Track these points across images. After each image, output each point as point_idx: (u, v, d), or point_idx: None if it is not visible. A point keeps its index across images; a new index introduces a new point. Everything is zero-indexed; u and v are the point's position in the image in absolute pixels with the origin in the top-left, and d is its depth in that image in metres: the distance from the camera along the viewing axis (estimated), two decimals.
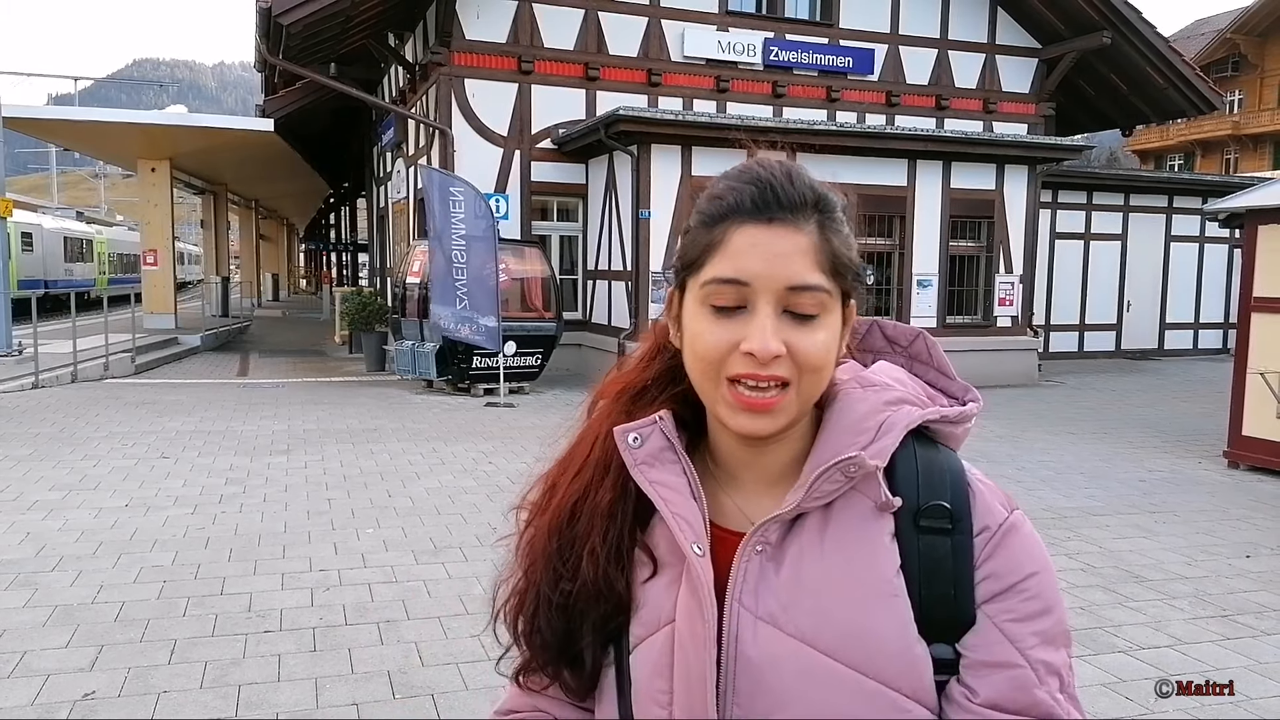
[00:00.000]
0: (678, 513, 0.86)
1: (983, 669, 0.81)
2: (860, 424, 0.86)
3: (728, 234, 0.83)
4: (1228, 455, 8.20)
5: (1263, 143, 41.45)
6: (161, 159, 17.70)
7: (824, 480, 0.83)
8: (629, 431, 0.90)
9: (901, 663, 0.80)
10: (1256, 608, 4.69)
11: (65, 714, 3.20)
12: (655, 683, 0.86)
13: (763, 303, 0.81)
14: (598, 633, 0.89)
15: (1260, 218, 7.91)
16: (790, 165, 0.87)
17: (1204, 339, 18.51)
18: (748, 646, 0.82)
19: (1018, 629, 0.81)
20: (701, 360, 0.84)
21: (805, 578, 0.83)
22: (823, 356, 0.83)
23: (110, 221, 46.05)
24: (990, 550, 0.83)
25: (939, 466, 0.86)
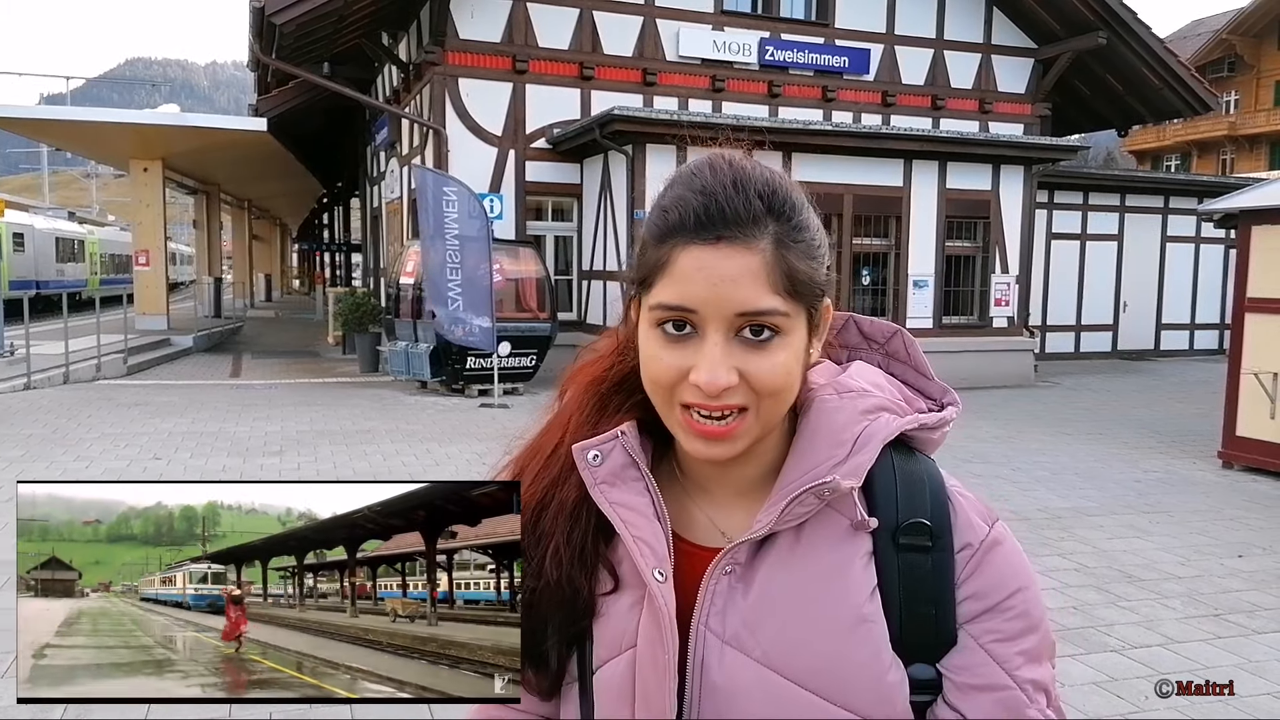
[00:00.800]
0: (639, 536, 0.81)
1: (970, 692, 0.78)
2: (837, 436, 0.82)
3: (673, 255, 0.78)
4: (1222, 456, 8.20)
5: (1259, 143, 41.57)
6: (154, 159, 17.65)
7: (796, 504, 0.79)
8: (589, 449, 0.85)
9: (874, 692, 0.76)
10: (1249, 607, 4.69)
11: (59, 713, 3.17)
12: (618, 708, 0.82)
13: (711, 330, 0.77)
14: (561, 634, 0.85)
15: (1254, 218, 7.92)
16: (741, 168, 0.81)
17: (1200, 340, 18.55)
18: (713, 673, 0.79)
19: (1003, 649, 0.79)
20: (654, 384, 0.80)
21: (774, 600, 0.79)
22: (781, 380, 0.78)
23: (102, 222, 45.98)
24: (972, 568, 0.80)
25: (918, 480, 0.82)
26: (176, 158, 18.50)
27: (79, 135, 17.87)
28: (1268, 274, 7.80)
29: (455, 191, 10.74)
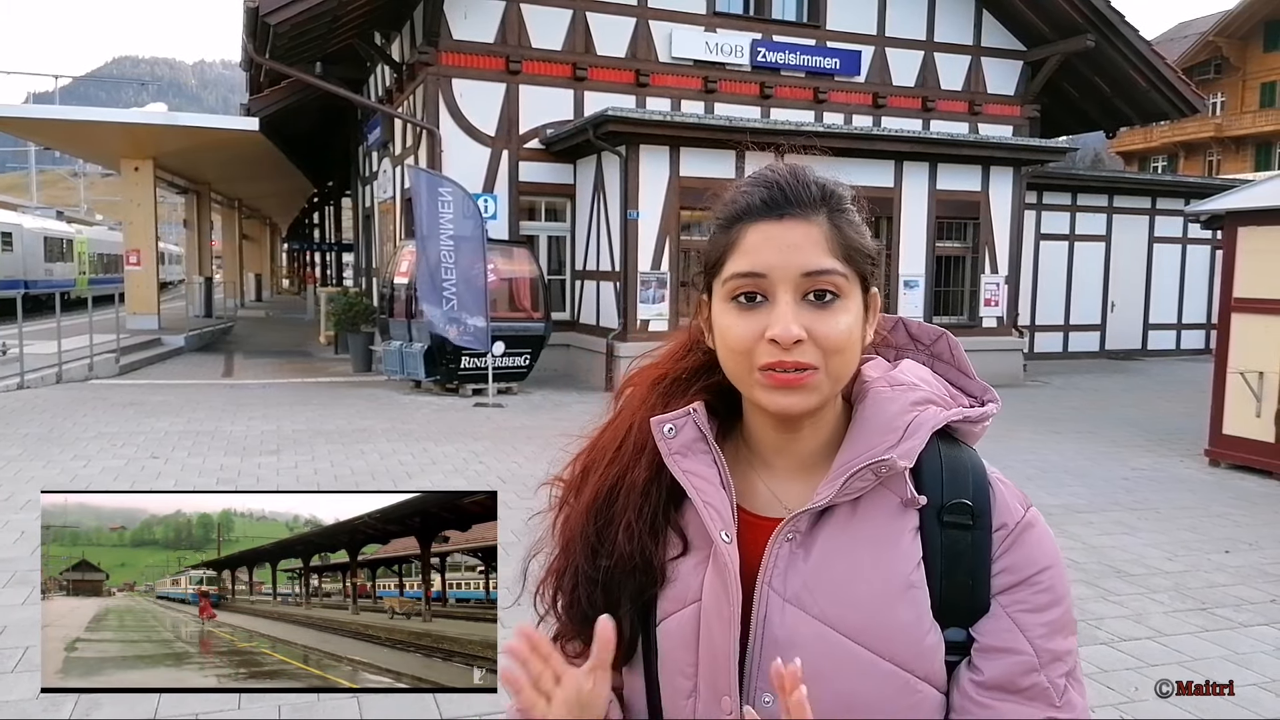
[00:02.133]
0: (708, 501, 0.91)
1: (991, 653, 0.87)
2: (890, 423, 0.90)
3: (742, 232, 0.90)
4: (1209, 454, 8.32)
5: (1245, 145, 41.90)
6: (145, 158, 17.59)
7: (856, 479, 0.88)
8: (664, 422, 0.95)
9: (917, 649, 0.86)
10: (1235, 601, 4.79)
11: (70, 707, 3.22)
12: (682, 655, 0.92)
13: (781, 291, 0.87)
14: (634, 603, 0.94)
15: (1240, 219, 8.03)
16: (797, 167, 0.93)
17: (1187, 339, 18.71)
18: (775, 627, 0.88)
19: (1028, 619, 0.88)
20: (733, 352, 0.89)
21: (831, 566, 0.88)
22: (845, 338, 0.87)
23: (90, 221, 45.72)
24: (1007, 546, 0.89)
25: (962, 465, 0.92)
26: (167, 157, 18.44)
27: (70, 134, 17.80)
28: (1254, 274, 7.91)
29: (450, 192, 10.79)
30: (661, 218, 12.00)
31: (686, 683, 0.92)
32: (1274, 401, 7.71)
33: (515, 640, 0.86)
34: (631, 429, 1.00)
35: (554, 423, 9.66)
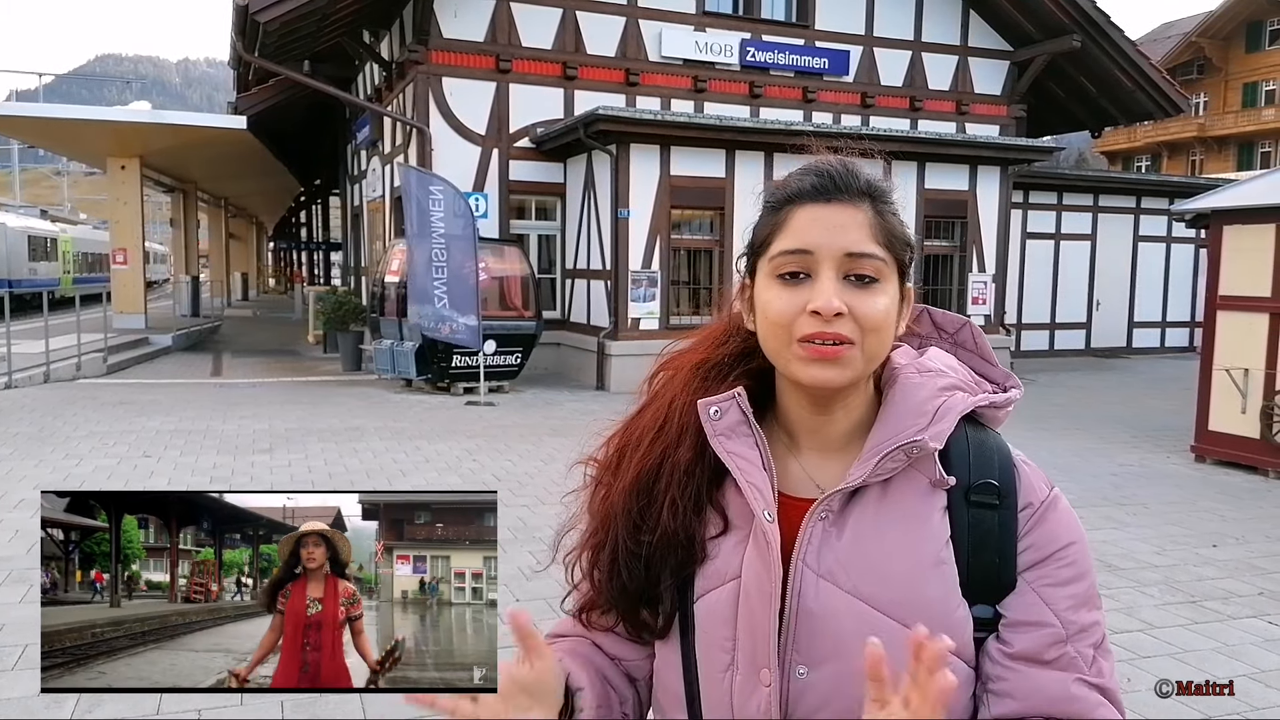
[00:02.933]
0: (752, 482, 0.94)
1: (1019, 626, 0.91)
2: (920, 407, 0.94)
3: (791, 214, 0.94)
4: (1195, 449, 8.42)
5: (1227, 144, 42.29)
6: (132, 157, 17.49)
7: (888, 459, 0.92)
8: (711, 405, 0.98)
9: (946, 622, 0.88)
10: (1223, 594, 4.86)
11: (71, 705, 3.22)
12: (721, 629, 0.96)
13: (825, 268, 0.91)
14: (675, 577, 0.98)
15: (1225, 218, 8.12)
16: (846, 159, 0.98)
17: (1171, 337, 18.89)
18: (809, 600, 0.92)
19: (1054, 593, 0.92)
20: (774, 325, 0.93)
21: (863, 543, 0.92)
22: (882, 318, 0.91)
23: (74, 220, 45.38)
24: (1032, 524, 0.93)
25: (988, 448, 0.96)
26: (154, 155, 18.34)
27: (57, 133, 17.68)
28: (1239, 272, 8.01)
29: (441, 190, 10.78)
30: (652, 216, 12.03)
31: (724, 656, 0.95)
32: (1259, 397, 7.81)
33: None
34: (674, 411, 1.03)
35: (545, 421, 9.68)
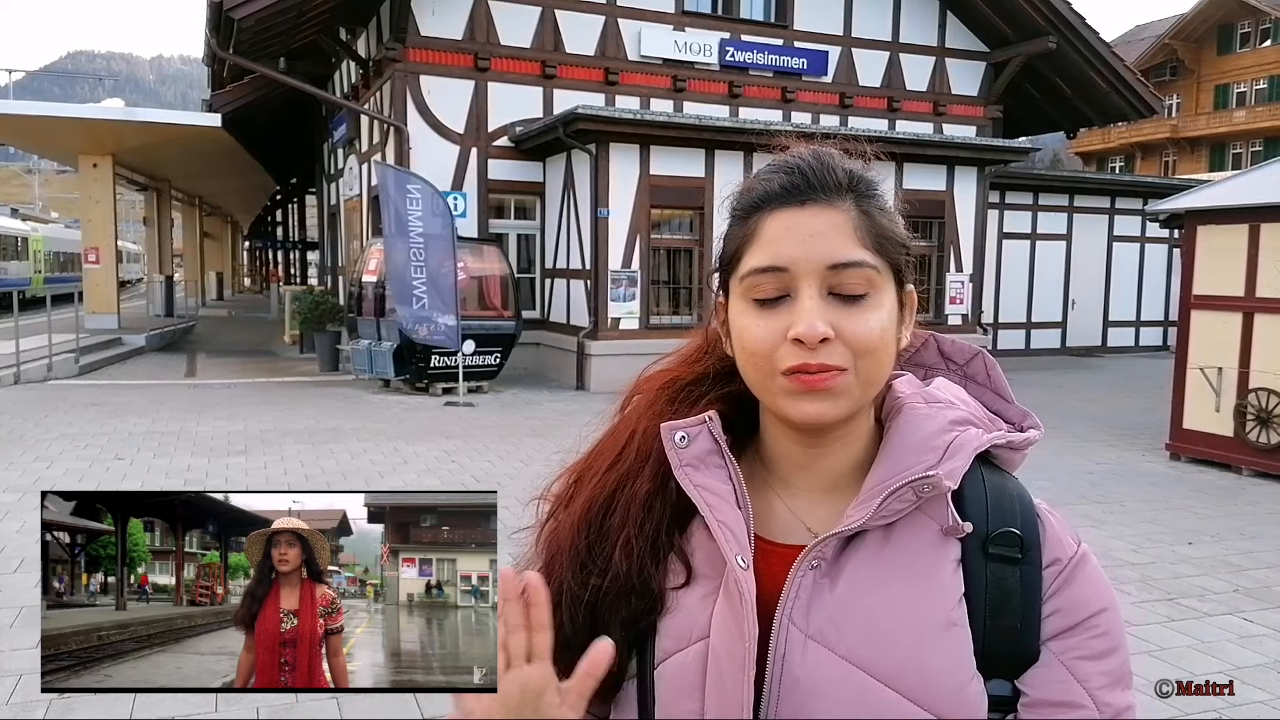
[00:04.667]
0: (723, 520, 0.80)
1: (1047, 708, 0.77)
2: (928, 442, 0.80)
3: (761, 222, 0.80)
4: (1170, 448, 8.50)
5: (1199, 146, 42.82)
6: (104, 155, 17.27)
7: (894, 499, 0.78)
8: (676, 429, 0.84)
9: (958, 697, 0.75)
10: (1199, 591, 4.90)
11: (41, 713, 3.16)
12: (685, 701, 0.80)
13: (804, 286, 0.77)
14: (627, 630, 0.82)
15: (1200, 218, 8.21)
16: (820, 150, 0.85)
17: (1145, 336, 19.09)
18: (795, 667, 0.77)
19: (1086, 668, 0.77)
20: (752, 356, 0.80)
21: (861, 598, 0.78)
22: (877, 338, 0.78)
23: (46, 219, 44.79)
24: (1060, 584, 0.79)
25: (1008, 493, 0.82)
26: (127, 153, 18.12)
27: (26, 130, 17.41)
28: (1212, 272, 8.09)
29: (418, 189, 10.71)
30: (632, 216, 12.01)
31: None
32: (1233, 396, 7.90)
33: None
34: (635, 434, 0.89)
35: (525, 421, 9.64)
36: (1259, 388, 7.69)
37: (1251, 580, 5.09)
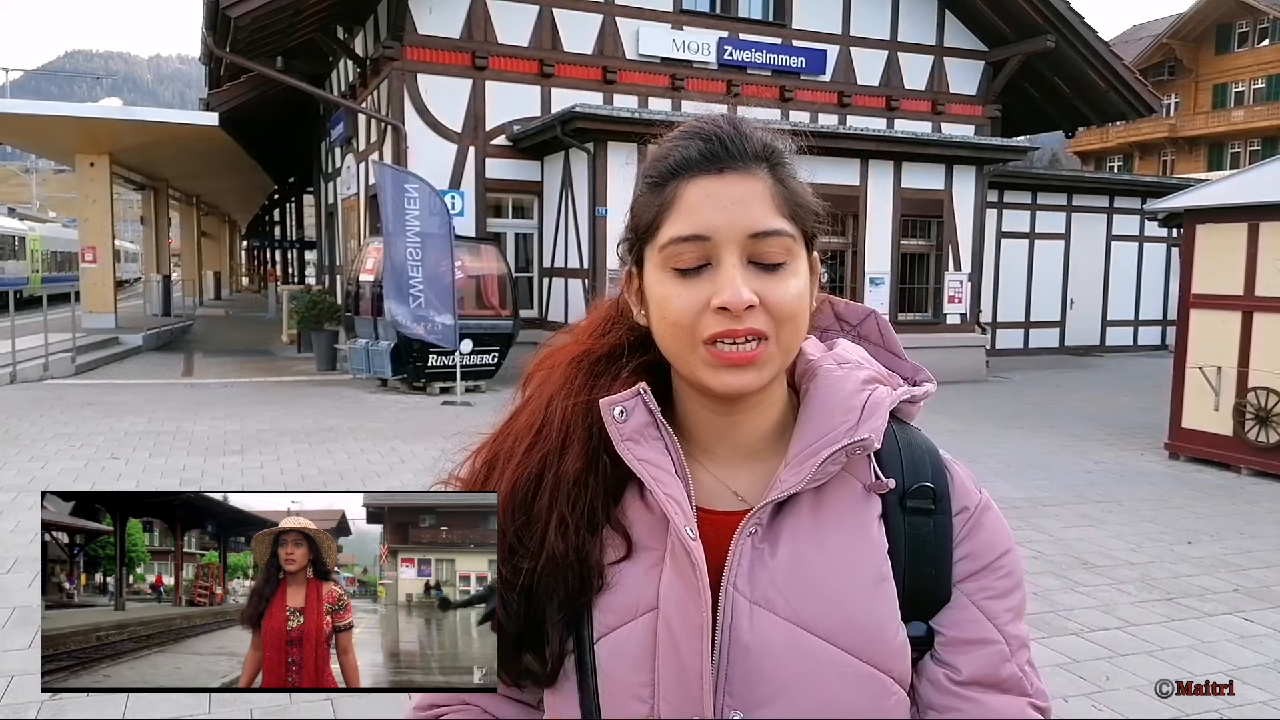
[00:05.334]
0: (669, 493, 0.80)
1: (964, 646, 0.82)
2: (846, 402, 0.83)
3: (679, 190, 0.80)
4: (1168, 447, 8.49)
5: (1198, 145, 42.83)
6: (101, 154, 17.23)
7: (830, 462, 0.80)
8: (614, 404, 0.83)
9: (893, 646, 0.79)
10: (1199, 591, 4.89)
11: (34, 713, 3.14)
12: (634, 674, 0.80)
13: (727, 254, 0.78)
14: (565, 610, 0.83)
15: (1199, 217, 8.19)
16: (735, 117, 0.84)
17: (1143, 335, 19.10)
18: (743, 633, 0.79)
19: (994, 606, 0.83)
20: (673, 326, 0.80)
21: (799, 561, 0.80)
22: (796, 304, 0.80)
23: (43, 218, 44.74)
24: (969, 530, 0.84)
25: (919, 447, 0.86)
26: (124, 153, 18.08)
27: (24, 129, 17.37)
28: (1211, 271, 8.08)
29: (416, 188, 10.69)
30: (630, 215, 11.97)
31: (641, 706, 0.80)
32: (1231, 395, 7.89)
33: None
34: (554, 412, 0.88)
35: None
36: (1258, 387, 7.68)
37: (1251, 580, 5.08)
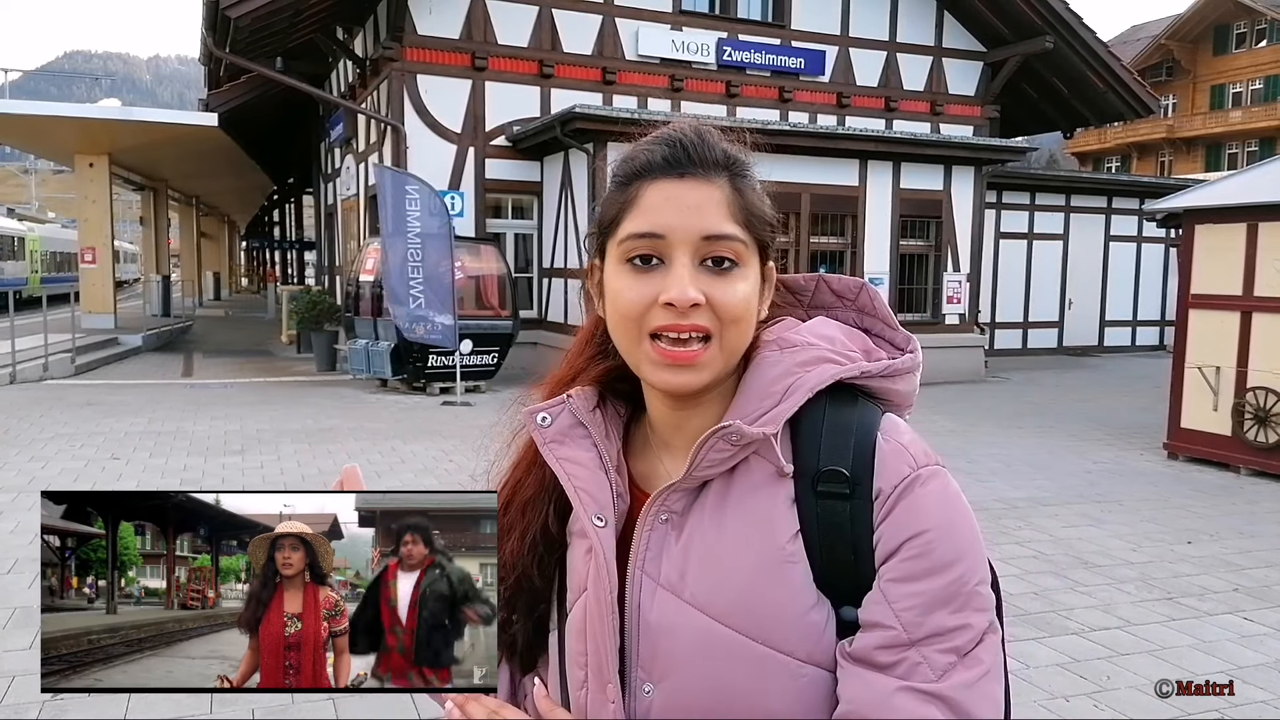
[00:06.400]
0: (581, 487, 0.88)
1: (864, 627, 0.80)
2: (769, 388, 0.85)
3: (641, 190, 0.85)
4: (1167, 447, 8.50)
5: (1195, 145, 42.85)
6: (100, 154, 17.22)
7: (709, 449, 0.83)
8: (538, 411, 0.92)
9: (795, 627, 0.80)
10: (1199, 590, 4.90)
11: (35, 713, 3.14)
12: (576, 643, 0.90)
13: (679, 253, 0.82)
14: (527, 617, 0.94)
15: (1197, 218, 8.20)
16: (701, 126, 0.89)
17: (1142, 336, 19.11)
18: (649, 613, 0.85)
19: (895, 590, 0.79)
20: (623, 317, 0.85)
21: (702, 545, 0.84)
22: (742, 307, 0.83)
23: (42, 219, 44.71)
24: (885, 513, 0.81)
25: (845, 428, 0.84)
26: (123, 153, 18.08)
27: (23, 129, 17.36)
28: (1210, 271, 8.09)
29: (416, 189, 10.69)
30: None
31: (580, 672, 0.89)
32: (1230, 395, 7.90)
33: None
34: (524, 442, 0.97)
35: None
36: (1257, 386, 7.70)
37: (1251, 579, 5.09)
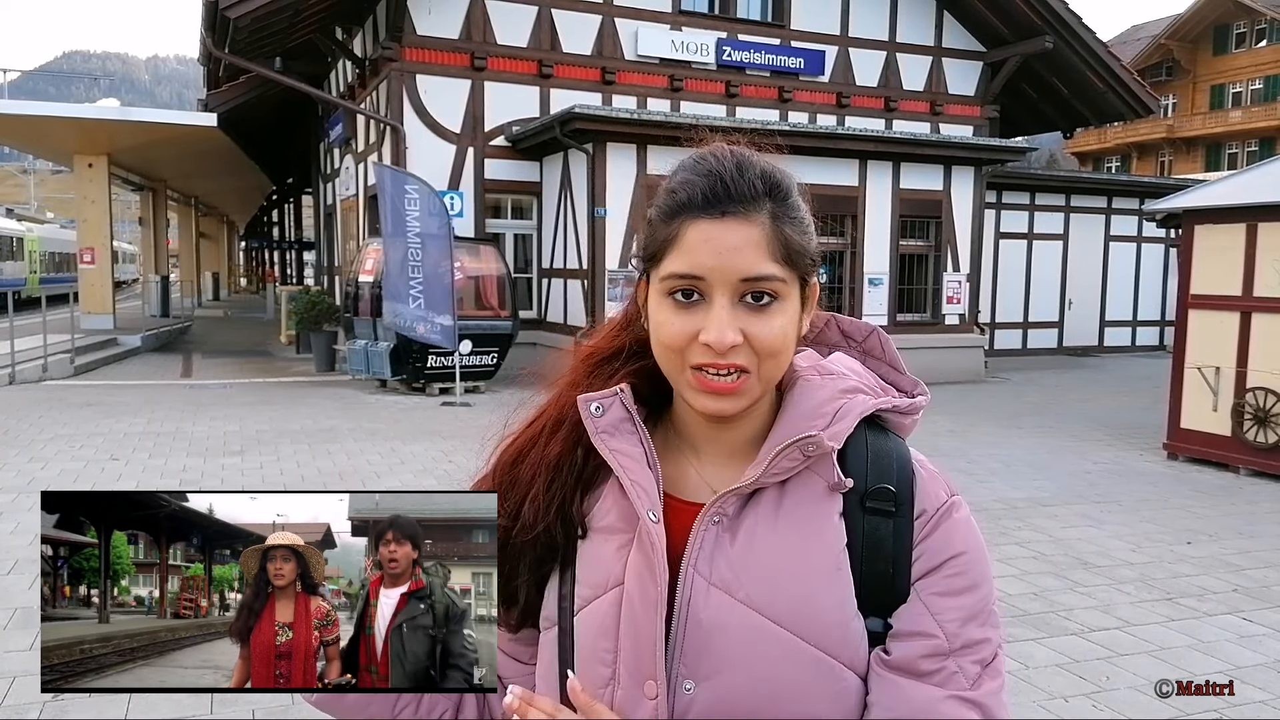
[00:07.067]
0: (636, 480, 0.90)
1: (905, 637, 0.86)
2: (818, 409, 0.91)
3: (682, 229, 0.88)
4: (1167, 447, 8.50)
5: (1195, 145, 42.85)
6: (99, 155, 17.22)
7: (782, 457, 0.87)
8: (591, 401, 0.94)
9: (841, 633, 0.85)
10: (1198, 590, 4.90)
11: (36, 714, 3.13)
12: (601, 641, 0.91)
13: (718, 294, 0.86)
14: (532, 573, 0.95)
15: (1197, 218, 8.20)
16: (741, 155, 0.91)
17: (1141, 336, 19.11)
18: (699, 610, 0.87)
19: (941, 603, 0.87)
20: (666, 349, 0.89)
21: (758, 549, 0.88)
22: (780, 341, 0.87)
23: (41, 219, 44.70)
24: (927, 532, 0.89)
25: (887, 453, 0.92)
26: (122, 153, 18.07)
27: (22, 130, 17.35)
28: (1210, 272, 8.09)
29: (416, 189, 10.69)
30: (629, 215, 11.99)
31: (604, 670, 0.90)
32: (1230, 395, 7.90)
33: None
34: (552, 400, 1.00)
35: None
36: (1256, 387, 7.69)
37: (1250, 580, 5.09)
